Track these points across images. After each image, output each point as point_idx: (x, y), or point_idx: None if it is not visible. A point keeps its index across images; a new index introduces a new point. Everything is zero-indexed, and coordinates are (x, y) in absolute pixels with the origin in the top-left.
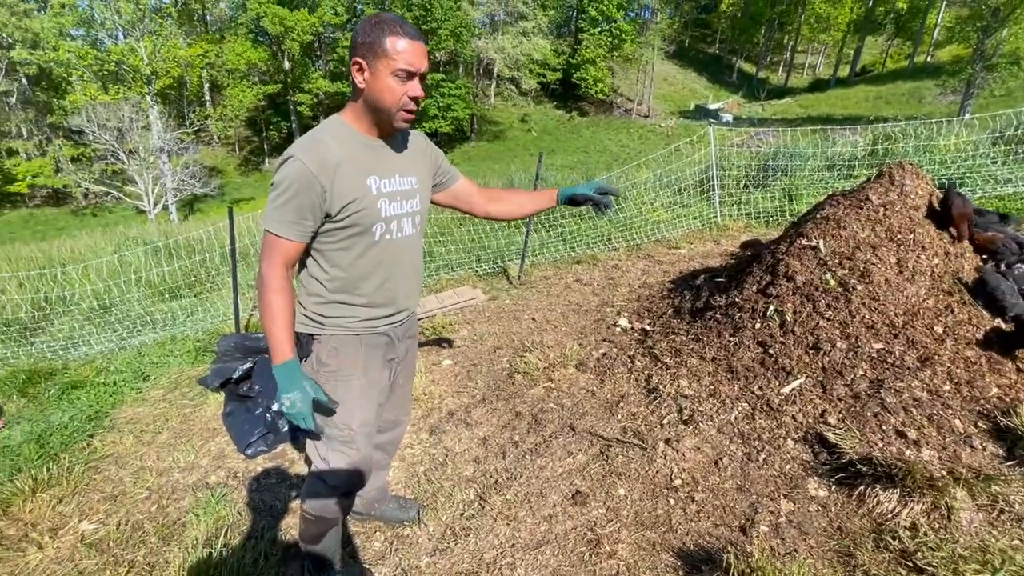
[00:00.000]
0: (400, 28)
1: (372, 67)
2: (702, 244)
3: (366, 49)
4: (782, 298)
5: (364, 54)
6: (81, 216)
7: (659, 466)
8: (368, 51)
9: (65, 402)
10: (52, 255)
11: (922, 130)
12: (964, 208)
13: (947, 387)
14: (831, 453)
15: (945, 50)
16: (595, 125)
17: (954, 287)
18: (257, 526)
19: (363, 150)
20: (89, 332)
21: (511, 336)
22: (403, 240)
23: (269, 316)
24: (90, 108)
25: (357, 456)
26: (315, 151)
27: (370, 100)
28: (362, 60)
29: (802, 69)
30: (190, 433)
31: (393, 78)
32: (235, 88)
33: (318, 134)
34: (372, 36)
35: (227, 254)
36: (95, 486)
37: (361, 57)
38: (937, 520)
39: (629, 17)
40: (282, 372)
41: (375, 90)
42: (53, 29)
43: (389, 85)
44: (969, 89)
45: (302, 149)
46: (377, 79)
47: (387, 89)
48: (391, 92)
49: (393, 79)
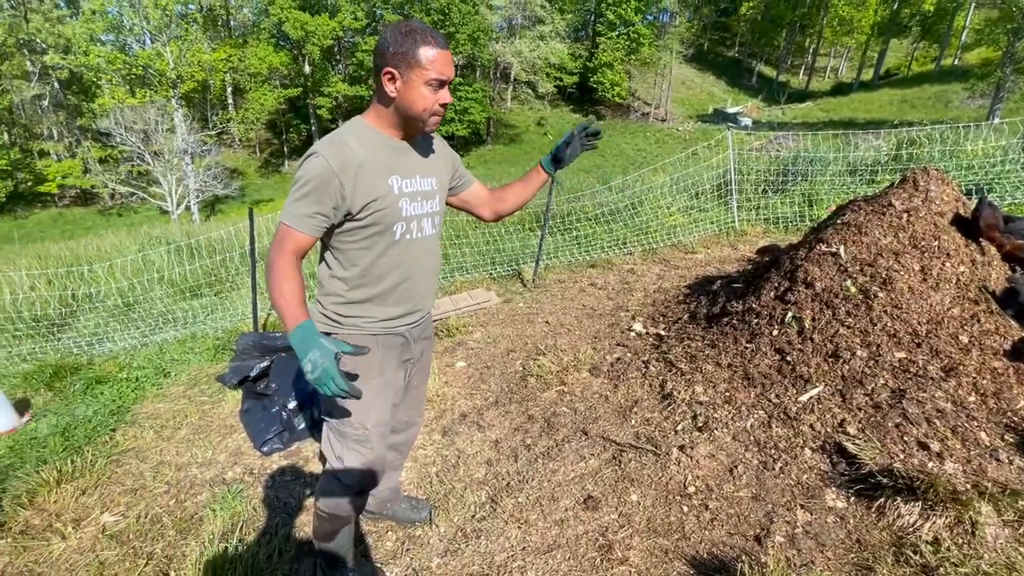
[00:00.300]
0: (432, 38)
1: (405, 77)
2: (719, 249)
3: (399, 59)
4: (800, 305)
5: (396, 64)
6: (107, 216)
7: (673, 473)
8: (401, 61)
9: (89, 397)
10: (79, 253)
11: (948, 134)
12: (994, 219)
13: (972, 398)
14: (850, 463)
15: (974, 53)
16: (612, 129)
17: (981, 296)
18: (272, 523)
19: (385, 150)
20: (113, 329)
21: (524, 339)
22: (422, 240)
23: (277, 292)
24: (118, 111)
25: (371, 455)
26: (338, 150)
27: (401, 108)
28: (394, 70)
29: (824, 72)
30: (208, 429)
31: (426, 87)
32: (257, 92)
33: (342, 134)
34: (404, 46)
35: (247, 254)
36: (116, 479)
37: (393, 67)
38: (961, 535)
39: (647, 21)
40: (297, 336)
41: (407, 99)
42: (84, 35)
43: (422, 94)
44: (999, 93)
45: (325, 147)
46: (410, 88)
47: (420, 98)
48: (424, 100)
49: (426, 88)
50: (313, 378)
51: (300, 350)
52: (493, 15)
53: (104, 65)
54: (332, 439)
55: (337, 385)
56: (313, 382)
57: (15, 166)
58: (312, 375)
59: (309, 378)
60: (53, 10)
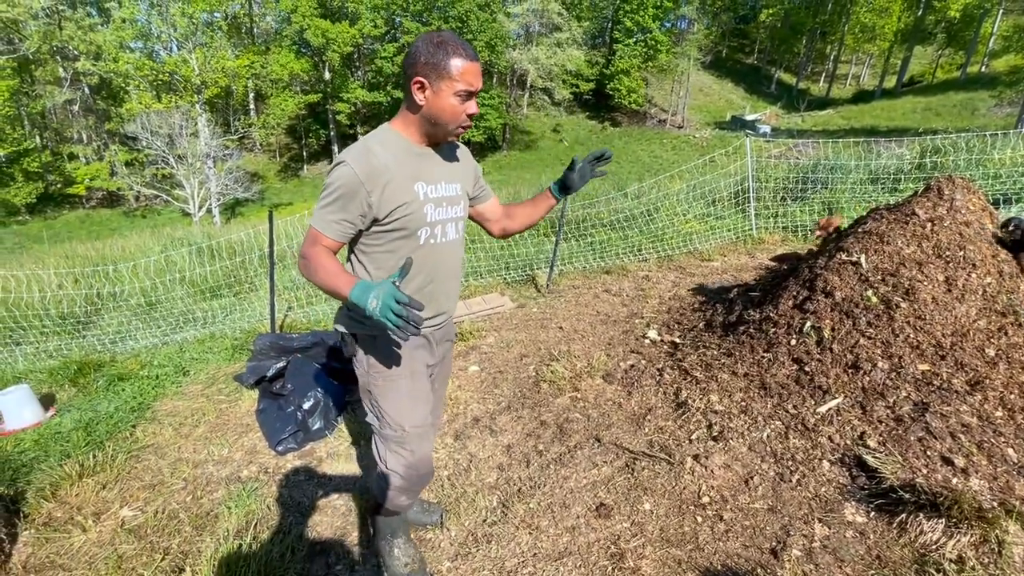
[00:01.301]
0: (463, 50)
1: (435, 87)
2: (736, 257)
3: (429, 69)
4: (820, 314)
5: (427, 74)
6: (132, 217)
7: (687, 482)
8: (432, 71)
9: (112, 393)
10: (105, 253)
11: (975, 143)
12: None
13: (999, 413)
14: (870, 477)
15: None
16: (628, 135)
17: (1008, 308)
18: (285, 521)
19: (411, 157)
20: (136, 327)
21: (538, 344)
22: (446, 244)
23: (324, 273)
24: (144, 116)
25: (412, 458)
26: (365, 158)
27: (429, 116)
28: (424, 80)
29: (845, 80)
30: (225, 428)
31: (455, 98)
32: (278, 97)
33: (369, 142)
34: (436, 57)
35: (266, 256)
36: (136, 474)
37: (424, 77)
38: (986, 554)
39: (665, 28)
40: (356, 292)
41: (436, 108)
42: (114, 42)
43: (451, 104)
44: None
45: (353, 155)
46: (439, 98)
47: (449, 108)
48: (452, 110)
49: (455, 99)
50: (379, 311)
51: (362, 299)
52: (511, 23)
53: (132, 71)
54: (377, 442)
55: (399, 301)
56: (380, 316)
57: (46, 168)
58: (378, 309)
59: (377, 315)
60: (85, 18)
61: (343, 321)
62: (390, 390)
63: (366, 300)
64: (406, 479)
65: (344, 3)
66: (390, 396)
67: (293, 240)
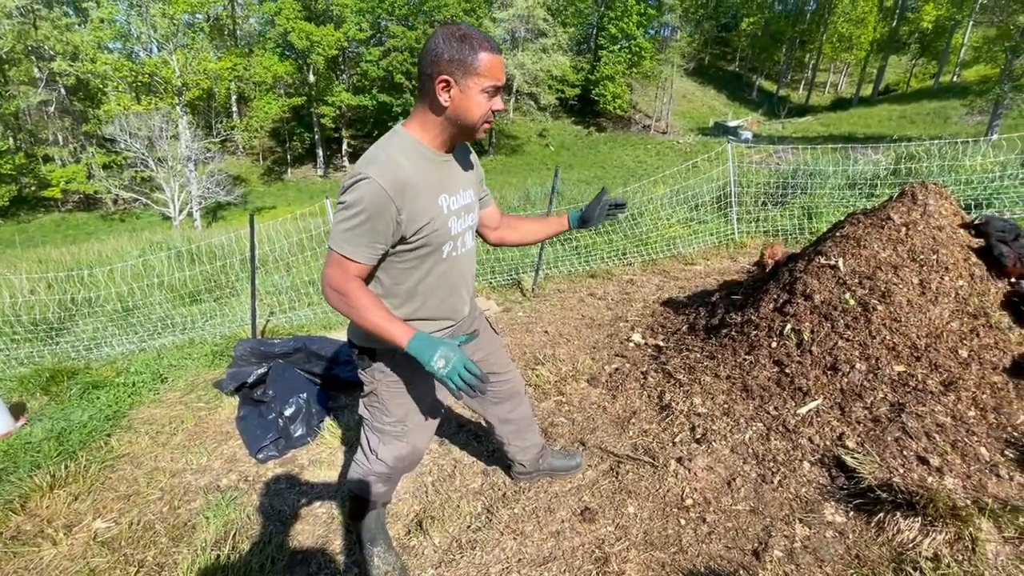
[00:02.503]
0: (487, 43)
1: (462, 84)
2: (719, 261)
3: (455, 66)
4: (799, 317)
5: (453, 71)
6: (110, 221)
7: (670, 485)
8: (458, 68)
9: (85, 401)
10: (80, 258)
11: (947, 150)
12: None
13: (972, 413)
14: (849, 477)
15: (972, 70)
16: (613, 141)
17: (979, 310)
18: (266, 530)
19: (432, 167)
20: (112, 333)
21: (523, 348)
22: (465, 253)
23: (373, 316)
24: (123, 118)
25: (406, 448)
26: (390, 171)
27: (455, 116)
28: (450, 78)
29: (823, 87)
30: (204, 436)
31: (483, 95)
32: (261, 100)
33: (390, 152)
34: (462, 53)
35: (247, 260)
36: (110, 485)
37: (449, 74)
38: (961, 552)
39: (649, 35)
40: (416, 343)
41: (463, 107)
42: (92, 42)
43: (478, 101)
44: (997, 109)
45: (377, 169)
46: (467, 96)
47: (476, 105)
48: (480, 108)
49: (482, 96)
50: (445, 372)
51: (426, 354)
52: (496, 28)
53: (111, 72)
54: (368, 434)
55: (471, 372)
56: (445, 376)
57: (20, 171)
58: (444, 370)
59: (441, 374)
60: (62, 18)
61: (360, 335)
62: (402, 395)
63: (431, 357)
64: (392, 469)
65: (329, 6)
66: (400, 398)
67: (275, 244)
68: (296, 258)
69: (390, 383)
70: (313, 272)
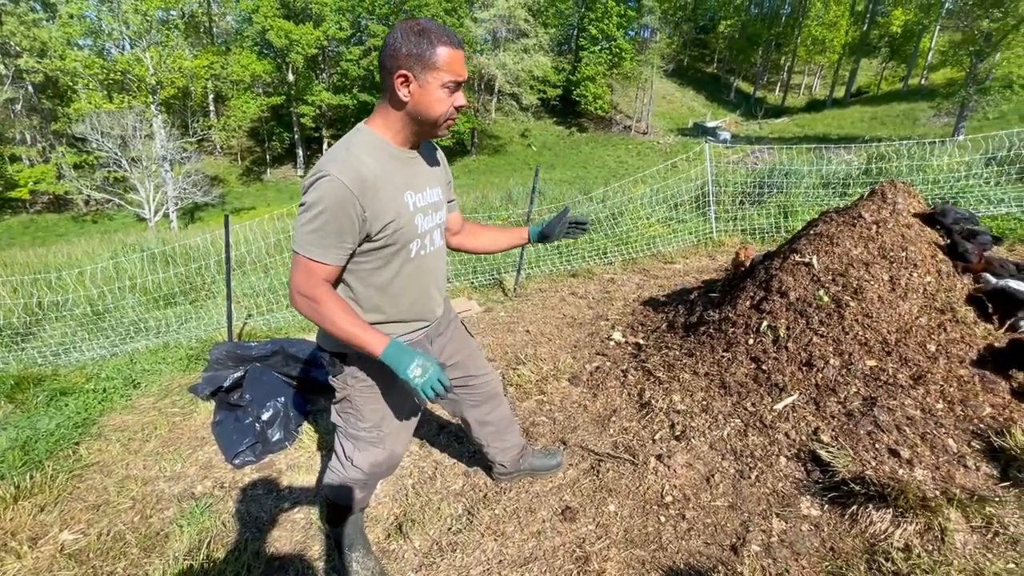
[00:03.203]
0: (447, 37)
1: (421, 80)
2: (697, 259)
3: (413, 61)
4: (775, 314)
5: (411, 66)
6: (81, 223)
7: (650, 482)
8: (416, 63)
9: (53, 409)
10: (48, 260)
11: (916, 150)
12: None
13: (940, 406)
14: (824, 471)
15: (939, 73)
16: (594, 141)
17: (947, 305)
18: (241, 538)
19: (397, 164)
20: (81, 338)
21: (505, 348)
22: (434, 252)
23: (343, 323)
24: (94, 116)
25: (383, 455)
26: (352, 168)
27: (415, 113)
28: (409, 72)
29: (799, 89)
30: (178, 442)
31: (443, 90)
32: (239, 99)
33: (352, 150)
34: (420, 47)
35: (224, 261)
36: (78, 495)
37: (407, 69)
38: (931, 542)
39: (629, 36)
40: (391, 353)
41: (423, 103)
42: (61, 39)
43: (439, 97)
44: (963, 111)
45: (339, 167)
46: (426, 92)
47: (437, 102)
48: (441, 104)
49: (442, 91)
50: (420, 383)
51: (402, 363)
52: (478, 28)
53: (81, 70)
54: (342, 441)
55: (444, 386)
56: (419, 387)
57: None
58: (419, 380)
59: (416, 383)
60: (29, 13)
61: (330, 340)
62: (376, 400)
63: (406, 367)
64: (369, 475)
65: (308, 4)
66: (375, 404)
67: (252, 245)
68: (274, 259)
69: (363, 388)
70: None
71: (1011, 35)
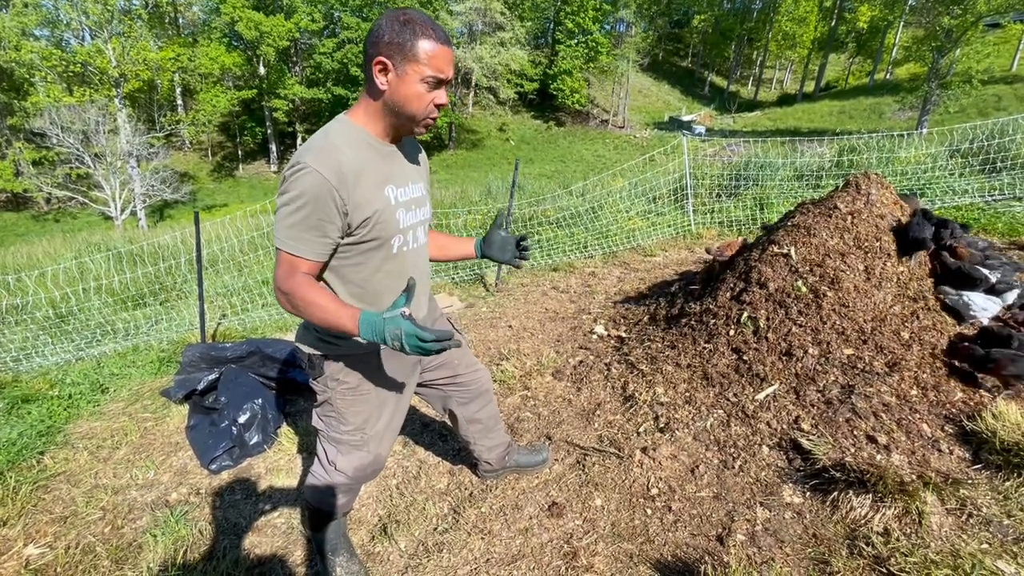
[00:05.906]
0: (433, 32)
1: (399, 70)
2: (676, 252)
3: (393, 49)
4: (755, 305)
5: (391, 54)
6: (43, 221)
7: (636, 475)
8: (396, 52)
9: (14, 417)
10: (7, 262)
11: (884, 143)
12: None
13: (914, 392)
14: (805, 459)
15: (903, 68)
16: (572, 135)
17: (919, 294)
18: (219, 546)
19: (378, 156)
20: (44, 343)
21: (487, 344)
22: (417, 249)
23: (318, 309)
24: (53, 110)
25: (368, 458)
26: (331, 159)
27: (392, 103)
28: (387, 60)
29: (770, 84)
30: (151, 448)
31: (422, 84)
32: (208, 93)
33: (332, 140)
34: (402, 37)
35: (194, 260)
36: (44, 507)
37: (387, 57)
38: (908, 525)
39: (604, 30)
40: (364, 326)
41: (400, 95)
42: (15, 28)
43: (417, 92)
44: (926, 105)
45: (317, 158)
46: (404, 84)
47: (415, 96)
48: (419, 99)
49: (422, 85)
50: (405, 346)
51: (375, 334)
52: (454, 20)
53: (38, 61)
54: (325, 445)
55: (429, 340)
56: (410, 350)
57: None
58: (404, 347)
59: (407, 350)
60: None
61: (309, 340)
62: (359, 402)
63: (383, 337)
64: (353, 479)
65: None
66: (358, 406)
67: (225, 243)
68: (248, 257)
69: (345, 391)
70: (267, 271)
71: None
